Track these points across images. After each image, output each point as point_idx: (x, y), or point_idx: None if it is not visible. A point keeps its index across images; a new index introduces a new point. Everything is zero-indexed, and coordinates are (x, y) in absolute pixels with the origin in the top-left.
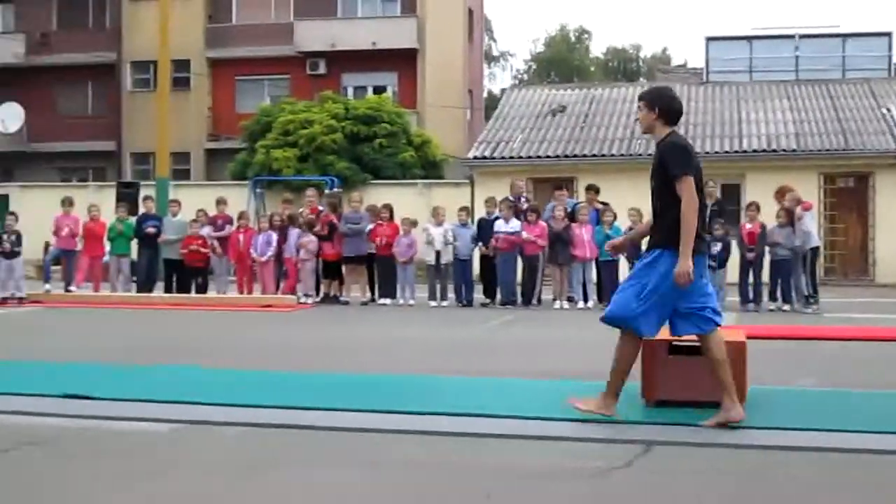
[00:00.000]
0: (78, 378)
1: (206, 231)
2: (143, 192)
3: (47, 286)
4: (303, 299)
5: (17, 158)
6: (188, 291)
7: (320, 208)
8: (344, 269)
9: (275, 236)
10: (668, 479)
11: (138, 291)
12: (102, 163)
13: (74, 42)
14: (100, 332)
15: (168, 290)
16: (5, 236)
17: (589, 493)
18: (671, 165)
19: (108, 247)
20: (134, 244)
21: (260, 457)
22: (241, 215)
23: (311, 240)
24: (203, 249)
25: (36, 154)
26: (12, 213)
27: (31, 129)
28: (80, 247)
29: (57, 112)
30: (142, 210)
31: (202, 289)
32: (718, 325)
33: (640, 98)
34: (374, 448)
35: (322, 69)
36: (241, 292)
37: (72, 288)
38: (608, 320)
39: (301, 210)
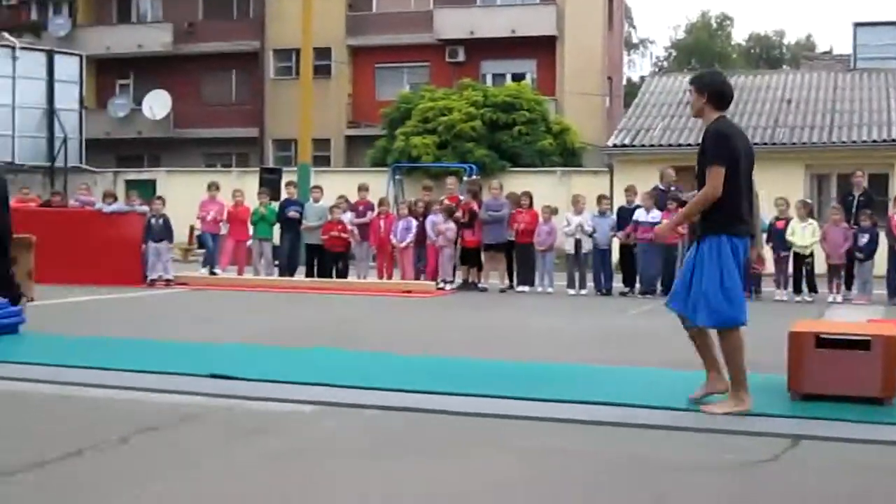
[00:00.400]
0: (223, 359)
1: (348, 217)
2: (285, 178)
3: (217, 271)
4: (441, 285)
5: (163, 144)
6: (329, 276)
7: (461, 197)
8: (483, 256)
9: (414, 222)
10: (817, 475)
11: (280, 275)
12: (245, 149)
13: (219, 31)
14: (243, 315)
15: (309, 274)
16: (153, 220)
17: (735, 487)
18: (708, 152)
19: (251, 231)
20: (276, 229)
21: (400, 440)
22: (382, 201)
23: (449, 227)
24: (343, 235)
25: (181, 140)
26: (159, 198)
27: (177, 116)
28: (224, 231)
29: (202, 99)
30: (284, 195)
31: (343, 273)
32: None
33: (691, 82)
34: (515, 435)
35: (461, 57)
36: (381, 277)
37: (216, 271)
38: (720, 325)
39: (441, 198)
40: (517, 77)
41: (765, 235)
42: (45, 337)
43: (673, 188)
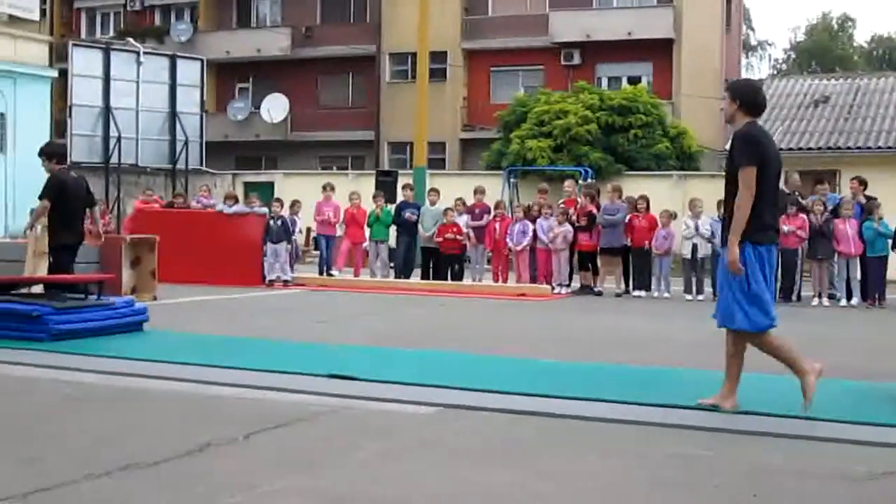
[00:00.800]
0: (342, 359)
1: (464, 220)
2: (400, 181)
3: (334, 272)
4: (556, 289)
5: (281, 147)
6: (444, 278)
7: (578, 200)
8: (599, 259)
9: (531, 226)
10: None
11: (396, 277)
12: (361, 151)
13: (336, 35)
14: (360, 316)
15: (425, 276)
16: (272, 221)
17: (873, 499)
18: (736, 154)
19: (367, 233)
20: (392, 231)
21: (516, 442)
22: (498, 204)
23: (566, 230)
24: (458, 237)
25: (298, 143)
26: (278, 200)
27: (294, 119)
28: (340, 232)
29: (319, 102)
30: (400, 198)
31: (458, 276)
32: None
33: (727, 89)
34: (633, 440)
35: (576, 59)
36: (496, 280)
37: (333, 272)
38: (750, 329)
39: (559, 202)
40: (633, 80)
41: (890, 241)
42: (168, 335)
43: (796, 193)
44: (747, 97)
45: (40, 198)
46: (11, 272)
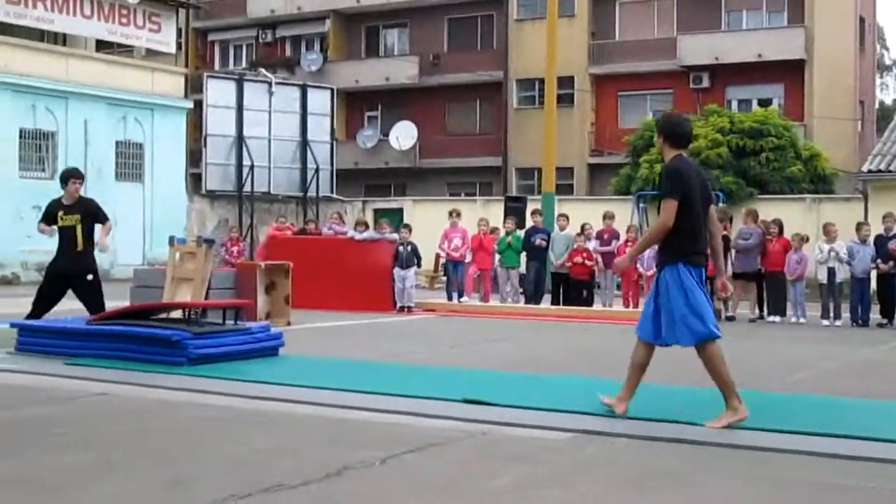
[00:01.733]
0: (475, 384)
1: (593, 245)
2: (529, 207)
3: (464, 298)
4: None
5: (409, 174)
6: (574, 304)
7: None
8: (732, 284)
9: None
10: None
11: (526, 303)
12: (489, 178)
13: (464, 62)
14: (490, 342)
15: (555, 301)
16: (401, 248)
17: None
18: (663, 186)
19: (496, 259)
20: (522, 256)
21: (657, 469)
22: (629, 229)
23: None
24: (588, 262)
25: (427, 169)
26: (406, 226)
27: (422, 146)
28: (468, 259)
29: (446, 129)
30: (529, 223)
31: (587, 302)
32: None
33: (656, 126)
34: (775, 467)
35: (705, 83)
36: (626, 306)
37: (463, 299)
38: (698, 341)
39: None
40: (764, 102)
41: None
42: (303, 359)
43: None
44: (668, 130)
45: (105, 219)
46: (151, 298)
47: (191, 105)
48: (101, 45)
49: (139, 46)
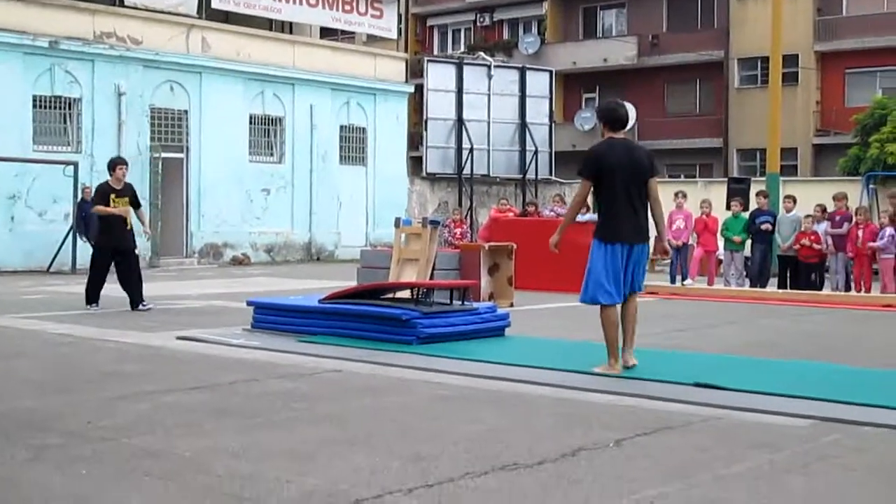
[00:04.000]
0: (705, 368)
1: (823, 227)
2: (753, 188)
3: (688, 281)
4: None
5: None
6: (802, 288)
7: None
8: None
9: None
10: None
11: (751, 286)
12: (709, 159)
13: (683, 42)
14: (716, 326)
15: (782, 285)
16: None
17: None
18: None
19: (721, 242)
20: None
21: None
22: (858, 211)
23: None
24: (816, 245)
25: None
26: None
27: (641, 128)
28: (692, 241)
29: (665, 110)
30: (753, 205)
31: (817, 285)
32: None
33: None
34: None
35: None
36: (859, 290)
37: (687, 281)
38: (584, 301)
39: None
40: None
41: None
42: (529, 340)
43: None
44: (603, 115)
45: (139, 204)
46: (377, 278)
47: (412, 89)
48: (325, 33)
49: (361, 32)
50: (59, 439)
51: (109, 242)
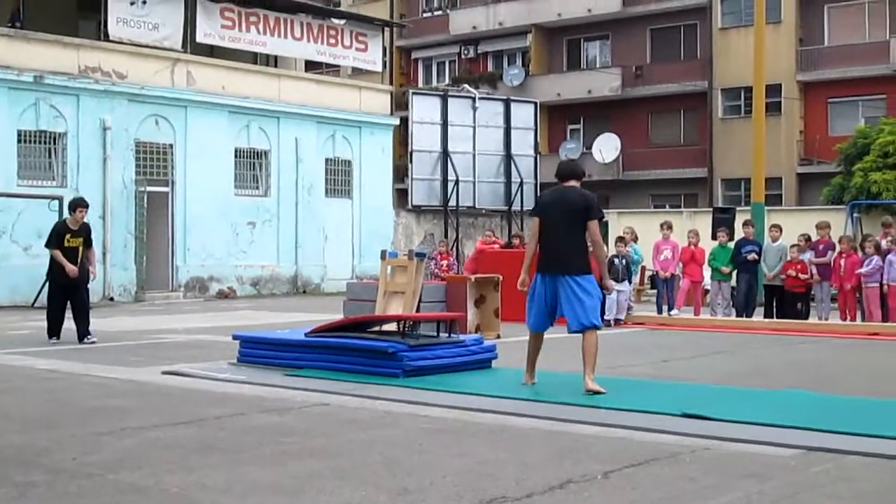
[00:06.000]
0: (693, 398)
1: (807, 256)
2: (738, 218)
3: (675, 311)
4: None
5: (612, 186)
6: (788, 317)
7: None
8: None
9: (877, 261)
10: None
11: (738, 316)
12: (694, 189)
13: (666, 73)
14: (703, 356)
15: (768, 315)
16: (616, 259)
17: None
18: None
19: (707, 272)
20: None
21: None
22: (842, 240)
23: None
24: (802, 275)
25: (630, 182)
26: (621, 238)
27: (625, 158)
28: (677, 271)
29: (650, 141)
30: (740, 234)
31: (803, 315)
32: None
33: None
34: None
35: None
36: (844, 319)
37: (674, 312)
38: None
39: None
40: None
41: None
42: (517, 372)
43: None
44: (569, 172)
45: (91, 244)
46: (364, 311)
47: (397, 122)
48: (310, 66)
49: (346, 66)
50: (44, 476)
51: (62, 278)
